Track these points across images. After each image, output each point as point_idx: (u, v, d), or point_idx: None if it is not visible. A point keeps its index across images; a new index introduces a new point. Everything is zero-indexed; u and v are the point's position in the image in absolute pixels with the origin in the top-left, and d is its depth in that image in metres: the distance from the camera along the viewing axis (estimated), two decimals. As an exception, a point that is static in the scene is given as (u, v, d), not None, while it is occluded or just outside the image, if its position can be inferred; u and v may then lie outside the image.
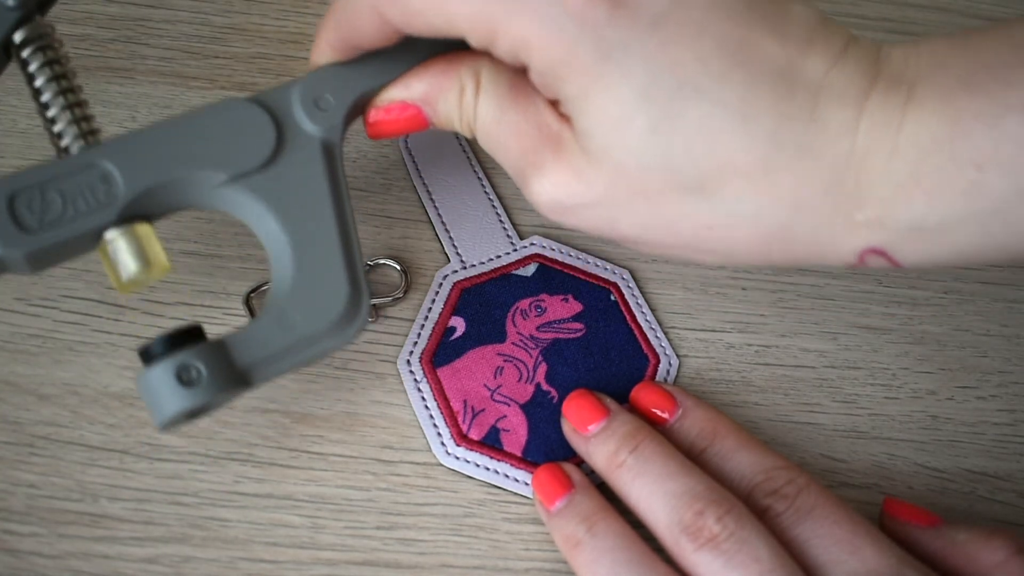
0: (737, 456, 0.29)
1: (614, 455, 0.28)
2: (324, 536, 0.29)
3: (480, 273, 0.34)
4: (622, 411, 0.30)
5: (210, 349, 0.24)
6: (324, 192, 0.27)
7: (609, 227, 0.26)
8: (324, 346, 0.26)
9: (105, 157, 0.25)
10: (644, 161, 0.24)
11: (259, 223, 0.27)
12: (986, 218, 0.23)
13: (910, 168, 0.23)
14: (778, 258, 0.26)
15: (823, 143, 0.23)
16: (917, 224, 0.23)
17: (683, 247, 0.26)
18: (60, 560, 0.27)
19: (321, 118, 0.28)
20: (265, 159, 0.27)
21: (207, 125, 0.27)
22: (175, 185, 0.26)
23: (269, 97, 0.28)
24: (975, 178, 0.22)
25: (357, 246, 0.27)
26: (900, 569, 0.25)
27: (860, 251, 0.24)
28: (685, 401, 0.30)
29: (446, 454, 0.30)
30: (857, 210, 0.24)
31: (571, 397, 0.30)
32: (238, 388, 0.25)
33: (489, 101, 0.27)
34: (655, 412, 0.30)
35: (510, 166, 0.27)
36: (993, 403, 0.34)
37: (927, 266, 0.25)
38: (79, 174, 0.25)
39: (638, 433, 0.29)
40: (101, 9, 0.38)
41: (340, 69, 0.28)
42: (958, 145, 0.22)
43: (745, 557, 0.25)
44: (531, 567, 0.29)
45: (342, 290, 0.26)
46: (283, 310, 0.26)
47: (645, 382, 0.32)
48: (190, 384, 0.24)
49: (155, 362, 0.24)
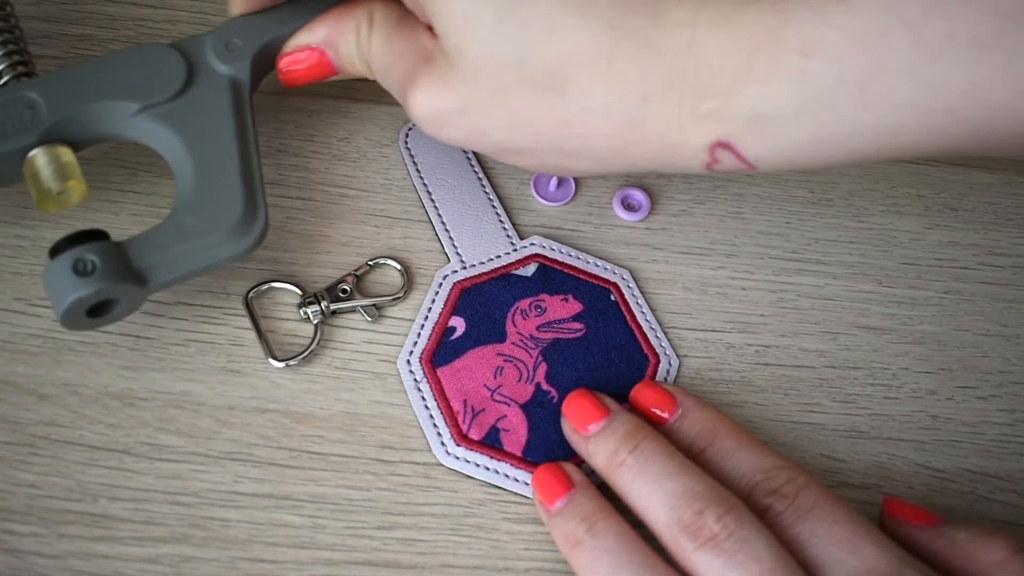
0: (737, 455, 0.29)
1: (614, 454, 0.28)
2: (324, 536, 0.29)
3: (480, 273, 0.34)
4: (622, 411, 0.30)
5: (106, 246, 0.27)
6: (228, 121, 0.31)
7: (482, 135, 0.28)
8: (219, 253, 0.29)
9: (31, 89, 0.30)
10: (495, 57, 0.26)
11: (168, 148, 0.30)
12: (816, 107, 0.23)
13: (745, 58, 0.24)
14: (640, 159, 0.27)
15: (663, 36, 0.25)
16: (754, 114, 0.24)
17: (550, 150, 0.28)
18: (60, 560, 0.27)
19: (230, 59, 0.31)
20: (175, 92, 0.31)
21: (125, 63, 0.31)
22: (93, 113, 0.30)
23: (185, 42, 0.32)
24: (801, 65, 0.23)
25: (259, 171, 0.31)
26: (900, 568, 0.25)
27: (708, 145, 0.26)
28: (685, 401, 0.30)
29: (446, 454, 0.30)
30: (701, 102, 0.25)
31: (571, 397, 0.30)
32: (132, 284, 0.27)
33: (379, 34, 0.30)
34: (655, 412, 0.30)
35: (396, 90, 0.30)
36: (993, 403, 0.34)
37: (777, 164, 0.25)
38: (9, 103, 0.29)
39: (638, 433, 0.29)
40: (101, 9, 0.38)
41: (250, 18, 0.32)
42: (786, 33, 0.23)
43: (745, 556, 0.25)
44: (531, 567, 0.29)
45: (238, 203, 0.29)
46: (181, 219, 0.29)
47: (645, 382, 0.31)
48: (84, 275, 0.27)
49: (56, 256, 0.27)
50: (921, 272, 0.36)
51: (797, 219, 0.37)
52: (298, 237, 0.34)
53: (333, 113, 0.37)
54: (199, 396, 0.31)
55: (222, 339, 0.32)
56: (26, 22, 0.37)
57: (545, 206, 0.36)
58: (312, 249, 0.34)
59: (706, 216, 0.37)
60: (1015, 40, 0.21)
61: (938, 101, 0.23)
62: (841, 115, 0.24)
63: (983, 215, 0.38)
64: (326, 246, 0.34)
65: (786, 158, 0.25)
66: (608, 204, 0.36)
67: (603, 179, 0.37)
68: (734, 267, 0.36)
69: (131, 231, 0.33)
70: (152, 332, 0.32)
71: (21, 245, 0.32)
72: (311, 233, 0.34)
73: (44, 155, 0.29)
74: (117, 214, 0.34)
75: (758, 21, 0.24)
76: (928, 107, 0.23)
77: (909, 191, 0.39)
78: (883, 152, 0.25)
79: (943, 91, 0.22)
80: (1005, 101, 0.22)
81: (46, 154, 0.29)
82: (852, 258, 0.36)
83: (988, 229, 0.38)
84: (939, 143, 0.24)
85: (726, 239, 0.36)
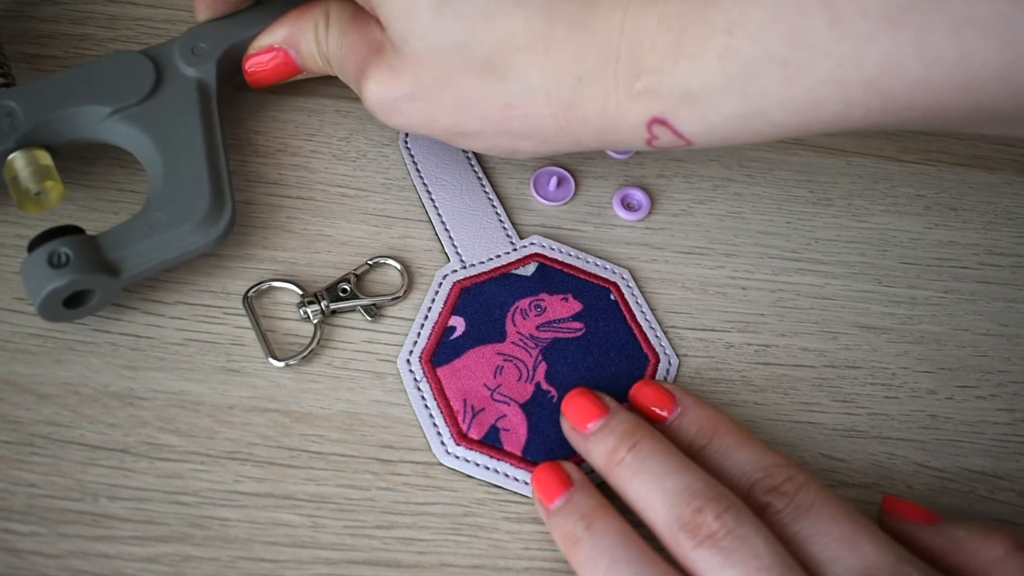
0: (736, 453, 0.29)
1: (613, 453, 0.28)
2: (324, 535, 0.29)
3: (480, 273, 0.34)
4: (621, 409, 0.30)
5: (79, 240, 0.29)
6: (195, 120, 0.32)
7: (432, 121, 0.30)
8: (188, 244, 0.30)
9: (8, 97, 0.31)
10: (436, 44, 0.28)
11: (138, 147, 0.32)
12: (742, 82, 0.25)
13: (674, 36, 0.25)
14: (585, 137, 0.29)
15: (597, 18, 0.26)
16: (685, 90, 0.25)
17: (497, 132, 0.29)
18: (60, 559, 0.27)
19: (196, 62, 0.33)
20: (144, 95, 0.32)
21: (96, 71, 0.33)
22: (67, 118, 0.32)
23: (154, 49, 0.34)
24: (727, 42, 0.24)
25: (226, 166, 0.32)
26: (899, 566, 0.25)
27: (646, 122, 0.27)
28: (684, 399, 0.30)
29: (446, 453, 0.30)
30: (635, 80, 0.26)
31: (570, 396, 0.30)
32: (105, 274, 0.29)
33: (335, 30, 0.32)
34: (654, 410, 0.30)
35: (352, 82, 0.32)
36: (993, 402, 0.34)
37: (712, 139, 0.27)
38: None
39: (637, 431, 0.29)
40: (101, 9, 0.38)
41: (215, 23, 0.34)
42: (712, 12, 0.24)
43: (744, 554, 0.25)
44: (531, 566, 0.29)
45: (205, 197, 0.31)
46: (152, 213, 0.30)
47: (644, 380, 0.31)
48: (59, 267, 0.28)
49: (33, 250, 0.29)
50: (921, 272, 0.36)
51: (797, 219, 0.37)
52: (298, 237, 0.34)
53: (333, 113, 0.37)
54: (199, 395, 0.31)
55: (222, 339, 0.32)
56: (26, 22, 0.37)
57: (545, 206, 0.36)
58: (312, 249, 0.34)
59: (706, 216, 0.37)
60: (926, 15, 0.22)
61: (856, 75, 0.24)
62: (766, 90, 0.25)
63: (983, 215, 0.38)
64: (326, 246, 0.34)
65: (719, 133, 0.26)
66: (608, 204, 0.36)
67: (588, 175, 0.37)
68: (734, 267, 0.36)
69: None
70: (152, 332, 0.32)
71: (21, 245, 0.32)
72: (311, 233, 0.34)
73: (22, 158, 0.31)
74: (117, 213, 0.34)
75: (686, 1, 0.25)
76: (847, 80, 0.24)
77: (909, 191, 0.39)
78: (809, 126, 0.26)
79: (860, 66, 0.23)
80: (918, 74, 0.23)
81: (24, 157, 0.31)
82: (852, 258, 0.36)
83: (988, 229, 0.38)
84: (860, 117, 0.25)
85: (726, 239, 0.36)
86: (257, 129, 0.37)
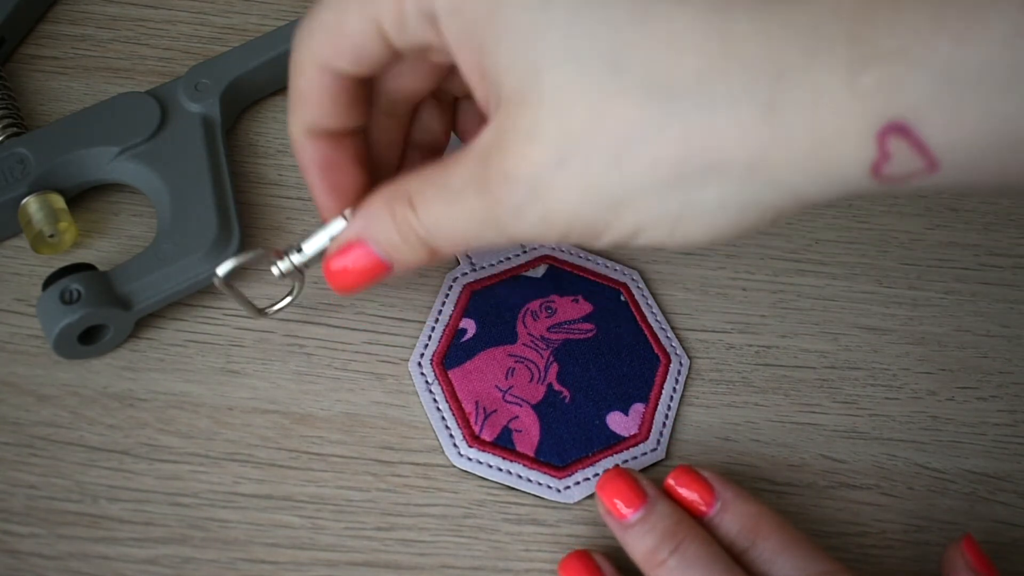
0: (780, 560, 0.27)
1: (654, 552, 0.27)
2: (324, 537, 0.29)
3: (490, 275, 0.34)
4: (661, 498, 0.28)
5: (90, 276, 0.30)
6: (201, 154, 0.33)
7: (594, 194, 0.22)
8: (196, 273, 0.31)
9: (20, 144, 0.32)
10: (577, 61, 0.21)
11: (147, 184, 0.33)
12: None
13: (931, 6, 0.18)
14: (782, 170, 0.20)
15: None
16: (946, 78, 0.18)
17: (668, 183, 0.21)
18: (60, 561, 0.27)
19: (199, 98, 0.34)
20: (151, 133, 0.33)
21: (102, 113, 0.33)
22: (77, 160, 0.32)
23: (159, 88, 0.35)
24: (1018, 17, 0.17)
25: (232, 196, 0.33)
26: None
27: (877, 131, 0.19)
28: (724, 493, 0.29)
29: (459, 455, 0.30)
30: (863, 70, 0.18)
31: (607, 477, 0.29)
32: (117, 308, 0.29)
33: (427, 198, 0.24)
34: (695, 503, 0.29)
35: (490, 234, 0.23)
36: (993, 404, 0.34)
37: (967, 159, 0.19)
38: (1, 160, 0.32)
39: (679, 530, 0.27)
40: (101, 9, 0.38)
41: (217, 59, 0.35)
42: None
43: None
44: (531, 568, 0.29)
45: (212, 227, 0.31)
46: (160, 246, 0.31)
47: (681, 468, 0.29)
48: (71, 303, 0.29)
49: (46, 288, 0.29)
50: (921, 272, 0.36)
51: (798, 219, 0.37)
52: (298, 237, 0.34)
53: (333, 113, 0.37)
54: (198, 397, 0.31)
55: (221, 340, 0.32)
56: (26, 22, 0.37)
57: (545, 206, 0.36)
58: (312, 249, 0.34)
59: (706, 216, 0.37)
60: None
61: None
62: None
63: (983, 215, 0.38)
64: (326, 246, 0.34)
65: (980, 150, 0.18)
66: (608, 204, 0.36)
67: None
68: (735, 267, 0.36)
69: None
70: (151, 333, 0.32)
71: (21, 246, 0.32)
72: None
73: (36, 202, 0.31)
74: (128, 251, 0.33)
75: None
76: None
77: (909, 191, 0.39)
78: None
79: None
80: None
81: (37, 200, 0.31)
82: (853, 258, 0.36)
83: (988, 229, 0.38)
84: None
85: (726, 239, 0.36)
86: (257, 130, 0.37)
